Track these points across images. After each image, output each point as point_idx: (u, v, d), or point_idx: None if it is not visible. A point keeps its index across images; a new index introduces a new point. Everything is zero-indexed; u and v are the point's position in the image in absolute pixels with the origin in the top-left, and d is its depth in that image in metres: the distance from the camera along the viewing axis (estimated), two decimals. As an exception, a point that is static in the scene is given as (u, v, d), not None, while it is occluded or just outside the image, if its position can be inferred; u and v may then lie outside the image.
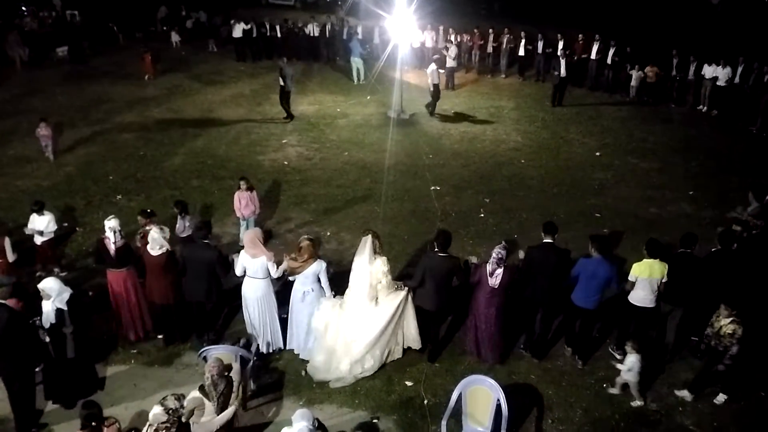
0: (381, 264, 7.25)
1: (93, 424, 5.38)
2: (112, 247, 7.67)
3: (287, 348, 7.85)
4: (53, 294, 6.60)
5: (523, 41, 20.84)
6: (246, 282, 7.55)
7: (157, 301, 7.79)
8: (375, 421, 6.84)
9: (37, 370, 6.98)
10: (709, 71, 17.61)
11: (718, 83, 17.45)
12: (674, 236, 10.64)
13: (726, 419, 6.96)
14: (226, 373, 6.06)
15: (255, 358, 7.22)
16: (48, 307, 6.64)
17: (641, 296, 7.37)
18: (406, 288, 7.48)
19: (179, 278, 7.72)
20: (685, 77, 18.33)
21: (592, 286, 7.23)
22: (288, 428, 5.46)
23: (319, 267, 7.35)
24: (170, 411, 5.45)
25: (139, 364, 7.69)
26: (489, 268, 7.16)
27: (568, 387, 7.40)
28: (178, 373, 7.55)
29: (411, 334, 7.60)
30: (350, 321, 7.30)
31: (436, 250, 7.36)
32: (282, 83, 16.01)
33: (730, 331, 6.63)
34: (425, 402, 7.10)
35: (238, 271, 7.52)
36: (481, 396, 6.28)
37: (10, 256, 8.30)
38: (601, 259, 7.24)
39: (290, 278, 7.56)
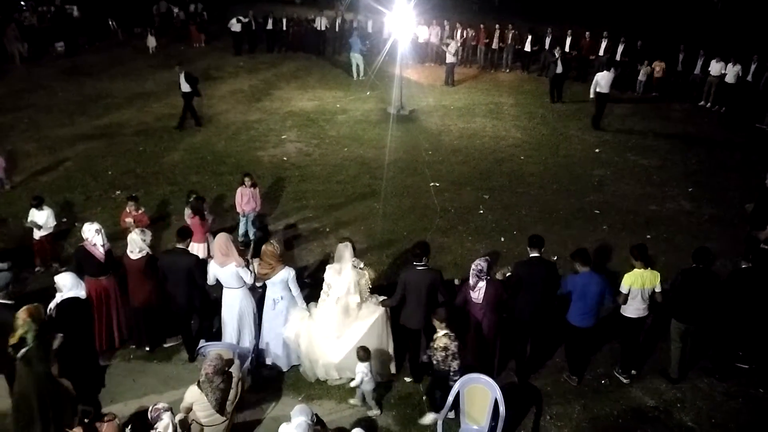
0: (355, 274, 7.03)
1: (86, 420, 5.39)
2: (100, 251, 7.37)
3: (264, 362, 7.52)
4: (64, 290, 6.61)
5: (529, 37, 20.85)
6: (224, 292, 7.28)
7: (139, 305, 7.48)
8: (373, 417, 6.85)
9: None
10: (715, 68, 17.58)
11: (726, 80, 17.44)
12: (673, 233, 10.77)
13: (725, 416, 6.96)
14: (227, 369, 6.06)
15: (253, 354, 7.21)
16: (56, 301, 6.68)
17: (634, 308, 7.10)
18: (382, 309, 7.13)
19: (161, 283, 7.47)
20: (690, 73, 18.35)
21: (586, 303, 6.91)
22: (286, 424, 5.47)
23: (287, 274, 7.03)
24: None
25: (138, 360, 7.67)
26: (471, 281, 6.77)
27: (566, 383, 7.40)
28: (177, 368, 7.54)
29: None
30: (323, 330, 7.08)
31: (414, 263, 6.95)
32: (190, 89, 15.14)
33: (443, 345, 6.25)
34: (424, 398, 7.10)
35: (210, 280, 7.24)
36: (478, 394, 6.27)
37: None
38: (589, 273, 6.95)
39: (257, 286, 7.28)
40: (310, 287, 8.23)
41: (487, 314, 6.83)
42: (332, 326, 7.08)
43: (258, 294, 7.52)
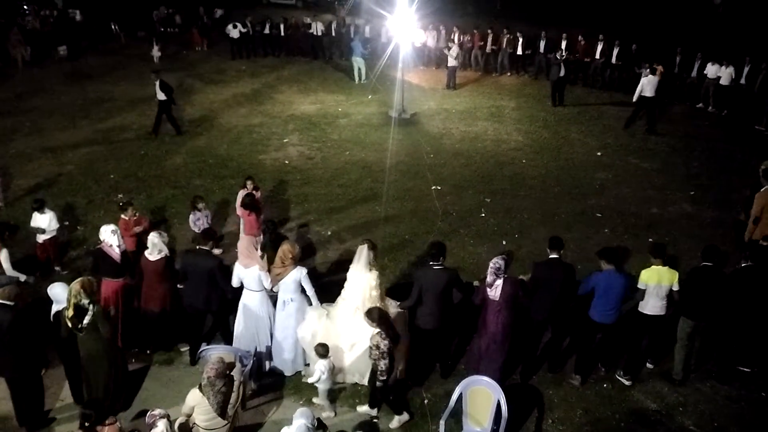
0: (372, 278, 7.04)
1: (86, 424, 5.39)
2: (117, 252, 7.48)
3: (271, 367, 7.52)
4: (55, 301, 6.62)
5: (521, 41, 20.93)
6: (243, 294, 7.33)
7: (153, 308, 7.52)
8: (375, 420, 6.85)
9: (42, 373, 6.89)
10: (711, 70, 17.68)
11: (721, 83, 17.53)
12: (675, 236, 10.75)
13: (726, 419, 6.95)
14: (228, 372, 6.06)
15: (255, 357, 7.21)
16: (53, 312, 6.69)
17: (651, 305, 7.17)
18: (400, 311, 7.18)
19: (176, 285, 7.53)
20: (687, 76, 18.40)
21: (609, 300, 7.01)
22: (288, 427, 5.47)
23: (299, 274, 7.01)
24: None
25: (140, 363, 7.68)
26: (488, 279, 6.84)
27: (568, 387, 7.40)
28: (178, 372, 7.56)
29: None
30: (340, 331, 7.08)
31: (430, 263, 6.98)
32: (165, 96, 14.74)
33: (375, 343, 6.31)
34: (425, 401, 7.10)
35: (234, 282, 7.28)
36: (481, 396, 6.28)
37: (8, 270, 7.91)
38: (613, 271, 7.03)
39: (274, 289, 7.29)
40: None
41: (502, 311, 6.86)
42: (347, 327, 7.10)
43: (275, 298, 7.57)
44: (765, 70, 16.86)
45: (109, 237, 7.47)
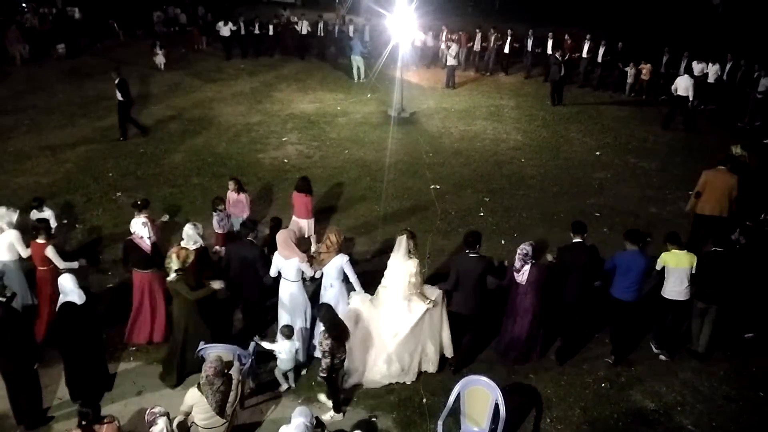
0: (412, 265, 7.18)
1: (83, 423, 5.38)
2: (147, 244, 7.70)
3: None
4: (62, 293, 6.61)
5: (509, 39, 20.94)
6: (281, 284, 7.53)
7: None
8: (373, 419, 6.85)
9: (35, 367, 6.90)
10: (697, 68, 17.83)
11: (708, 80, 17.75)
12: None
13: (725, 419, 6.96)
14: (226, 371, 6.06)
15: (253, 356, 7.21)
16: (59, 303, 6.68)
17: (672, 288, 7.49)
18: (439, 291, 7.37)
19: (210, 276, 7.63)
20: (675, 74, 18.47)
21: (629, 278, 7.30)
22: (286, 426, 5.47)
23: (341, 260, 7.29)
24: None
25: (139, 361, 7.68)
26: (516, 264, 7.21)
27: (567, 386, 7.41)
28: (177, 370, 7.55)
29: (444, 340, 7.50)
30: (384, 318, 7.21)
31: (466, 251, 7.26)
32: (122, 98, 14.29)
33: (319, 341, 6.49)
34: (424, 401, 7.10)
35: (272, 272, 7.49)
36: (479, 396, 6.29)
37: (59, 263, 7.69)
38: (636, 251, 7.33)
39: (316, 275, 7.51)
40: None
41: (528, 296, 7.23)
42: (390, 315, 7.23)
43: (311, 289, 7.78)
44: (744, 67, 17.26)
45: (140, 229, 7.74)
